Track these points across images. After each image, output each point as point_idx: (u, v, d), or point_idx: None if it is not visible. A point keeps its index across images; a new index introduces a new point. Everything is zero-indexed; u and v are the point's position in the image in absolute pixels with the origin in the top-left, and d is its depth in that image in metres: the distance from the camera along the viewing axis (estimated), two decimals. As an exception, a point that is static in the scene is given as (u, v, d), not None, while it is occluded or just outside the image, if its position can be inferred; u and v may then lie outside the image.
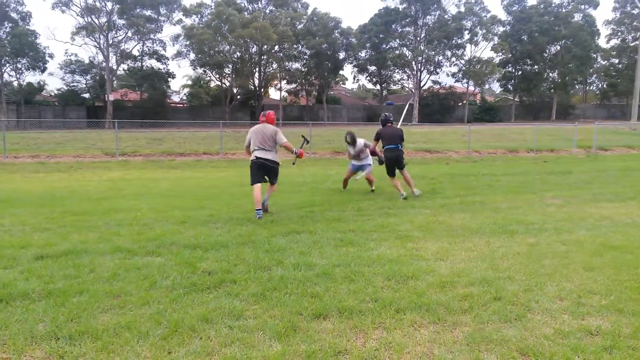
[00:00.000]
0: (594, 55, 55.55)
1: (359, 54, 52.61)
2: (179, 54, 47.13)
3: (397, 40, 51.60)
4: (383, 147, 8.82)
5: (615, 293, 3.78)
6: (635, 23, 52.32)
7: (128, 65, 48.39)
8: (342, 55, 51.99)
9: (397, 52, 51.07)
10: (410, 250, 5.06)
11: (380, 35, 51.03)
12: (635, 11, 52.38)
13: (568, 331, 3.13)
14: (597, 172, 12.97)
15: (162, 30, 47.04)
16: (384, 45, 52.05)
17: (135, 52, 47.65)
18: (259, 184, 7.08)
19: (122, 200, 8.69)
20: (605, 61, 58.39)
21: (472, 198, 8.54)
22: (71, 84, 47.61)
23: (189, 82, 51.35)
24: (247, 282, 4.01)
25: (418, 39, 50.75)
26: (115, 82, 48.13)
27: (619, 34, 56.35)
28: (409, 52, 51.00)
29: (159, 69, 48.68)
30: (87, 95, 49.25)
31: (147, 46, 47.87)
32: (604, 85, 60.19)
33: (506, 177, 11.74)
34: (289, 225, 6.22)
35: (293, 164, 8.61)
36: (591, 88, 65.15)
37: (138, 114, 40.34)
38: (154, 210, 7.38)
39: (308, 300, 3.63)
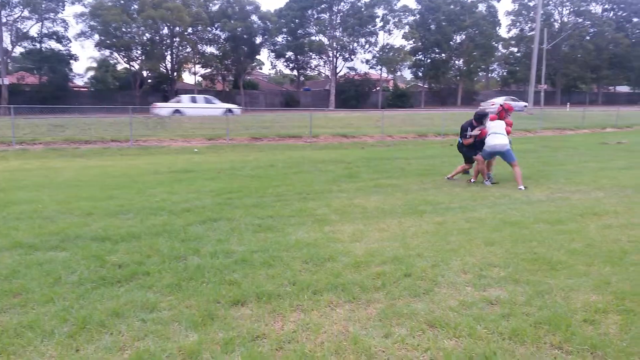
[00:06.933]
0: (496, 45, 59.54)
1: (276, 39, 52.19)
2: (82, 34, 43.73)
3: (313, 26, 51.79)
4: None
5: (512, 265, 4.13)
6: (531, 14, 56.47)
7: (25, 47, 44.13)
8: (258, 39, 51.23)
9: (313, 38, 51.33)
10: (328, 234, 5.17)
11: (297, 21, 50.92)
12: (532, 3, 56.60)
13: (471, 302, 3.38)
14: (497, 154, 13.95)
15: (64, 9, 43.39)
16: (301, 31, 52.05)
17: (34, 33, 43.61)
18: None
19: (21, 192, 8.00)
20: (506, 50, 62.75)
21: (385, 181, 8.87)
22: (-42, 66, 42.56)
23: (94, 65, 47.98)
24: (162, 273, 3.89)
25: (333, 24, 51.30)
26: (10, 64, 43.66)
27: (518, 24, 60.80)
28: (326, 39, 51.46)
29: (60, 50, 44.91)
30: (-23, 79, 44.31)
31: (46, 26, 43.93)
32: (504, 73, 64.71)
33: (417, 160, 12.32)
34: (206, 213, 6.09)
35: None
36: (493, 75, 69.83)
37: (37, 99, 37.03)
38: (57, 202, 6.88)
39: (226, 288, 3.61)
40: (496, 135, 8.33)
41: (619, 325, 3.03)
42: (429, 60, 57.54)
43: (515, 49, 61.71)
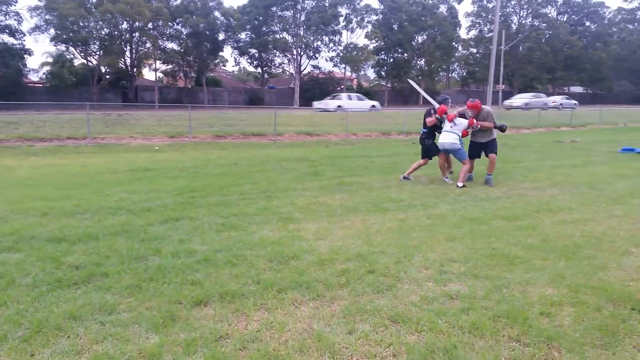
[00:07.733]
0: (456, 45, 60.90)
1: (239, 36, 51.68)
2: (37, 28, 41.97)
3: (277, 24, 51.56)
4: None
5: (472, 260, 4.24)
6: (490, 16, 58.07)
7: (-25, 41, 41.97)
8: (221, 36, 50.52)
9: (277, 36, 51.07)
10: (292, 232, 5.16)
11: (260, 18, 50.56)
12: (491, 5, 58.14)
13: (432, 297, 3.44)
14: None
15: (17, 1, 41.49)
16: (265, 28, 51.73)
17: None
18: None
19: (-31, 192, 7.63)
20: (465, 50, 64.29)
21: (349, 179, 8.92)
22: None
23: (50, 60, 46.15)
24: (121, 274, 3.79)
25: (297, 22, 51.21)
26: (-41, 59, 41.50)
27: (477, 25, 62.43)
28: (290, 37, 51.32)
29: (13, 44, 42.97)
30: None
31: (-3, 20, 41.88)
32: (464, 73, 66.30)
33: (380, 158, 12.45)
34: (167, 212, 5.96)
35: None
36: (453, 75, 71.44)
37: (-12, 95, 35.46)
38: (10, 202, 6.59)
39: (188, 288, 3.54)
40: (448, 133, 8.43)
41: (573, 317, 3.15)
42: (391, 60, 58.22)
43: (475, 50, 63.33)
